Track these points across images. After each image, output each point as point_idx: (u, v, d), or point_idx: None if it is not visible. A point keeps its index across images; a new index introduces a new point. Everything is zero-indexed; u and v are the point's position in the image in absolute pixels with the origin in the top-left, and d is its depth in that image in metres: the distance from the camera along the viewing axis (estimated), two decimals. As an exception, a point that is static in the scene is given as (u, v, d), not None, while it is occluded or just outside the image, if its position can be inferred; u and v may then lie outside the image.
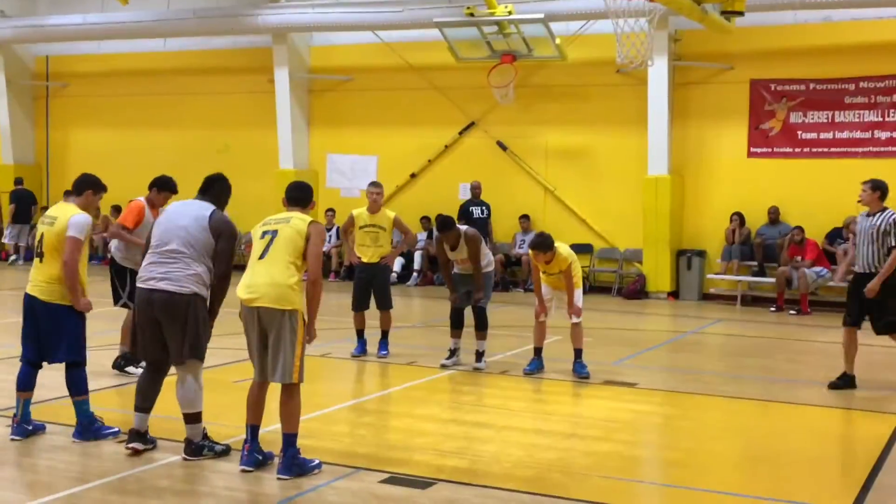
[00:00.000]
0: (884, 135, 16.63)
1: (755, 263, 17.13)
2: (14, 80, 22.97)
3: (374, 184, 11.13)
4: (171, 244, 6.77)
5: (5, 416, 7.68)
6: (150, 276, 6.77)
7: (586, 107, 18.49)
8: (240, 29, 19.99)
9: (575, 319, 10.00)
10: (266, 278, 6.45)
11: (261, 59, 20.53)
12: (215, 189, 7.04)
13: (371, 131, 20.20)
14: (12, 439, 7.17)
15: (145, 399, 6.90)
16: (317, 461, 6.57)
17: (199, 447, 6.79)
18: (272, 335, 6.44)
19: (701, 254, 17.77)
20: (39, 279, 7.19)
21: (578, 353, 10.14)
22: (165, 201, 9.25)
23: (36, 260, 7.28)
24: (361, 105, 20.24)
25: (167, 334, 6.74)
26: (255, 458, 6.56)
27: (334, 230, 19.67)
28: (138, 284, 6.86)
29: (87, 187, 7.52)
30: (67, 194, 7.71)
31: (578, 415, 8.72)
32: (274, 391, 6.59)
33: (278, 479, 6.35)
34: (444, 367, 10.36)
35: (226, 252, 6.82)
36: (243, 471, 6.50)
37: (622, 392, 9.53)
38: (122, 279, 9.50)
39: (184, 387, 6.75)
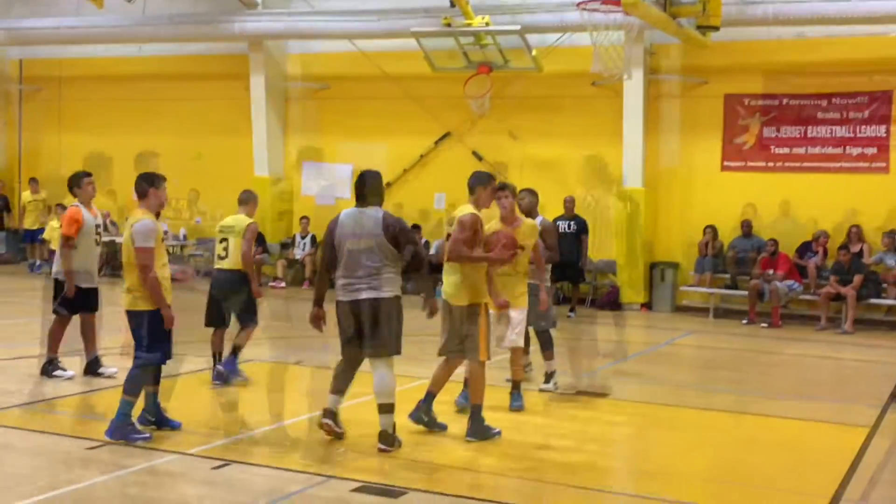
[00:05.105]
0: (855, 150, 16.79)
1: (728, 276, 17.24)
2: (-13, 84, 22.82)
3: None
4: (362, 256, 7.27)
5: None
6: (353, 287, 7.32)
7: (562, 118, 18.54)
8: (216, 36, 19.94)
9: (509, 344, 8.95)
10: None
11: (237, 66, 20.45)
12: (369, 189, 7.42)
13: (346, 140, 20.16)
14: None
15: (340, 384, 7.61)
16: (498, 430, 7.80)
17: (393, 438, 7.34)
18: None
19: (674, 266, 17.85)
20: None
21: (516, 384, 9.11)
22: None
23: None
24: (337, 113, 20.20)
25: (369, 333, 7.39)
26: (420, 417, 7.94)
27: (309, 237, 19.64)
28: (342, 298, 7.33)
29: (146, 185, 7.54)
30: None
31: (550, 425, 8.72)
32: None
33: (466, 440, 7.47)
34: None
35: (410, 250, 7.41)
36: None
37: (595, 403, 9.55)
38: (58, 288, 9.53)
39: (383, 377, 7.41)
